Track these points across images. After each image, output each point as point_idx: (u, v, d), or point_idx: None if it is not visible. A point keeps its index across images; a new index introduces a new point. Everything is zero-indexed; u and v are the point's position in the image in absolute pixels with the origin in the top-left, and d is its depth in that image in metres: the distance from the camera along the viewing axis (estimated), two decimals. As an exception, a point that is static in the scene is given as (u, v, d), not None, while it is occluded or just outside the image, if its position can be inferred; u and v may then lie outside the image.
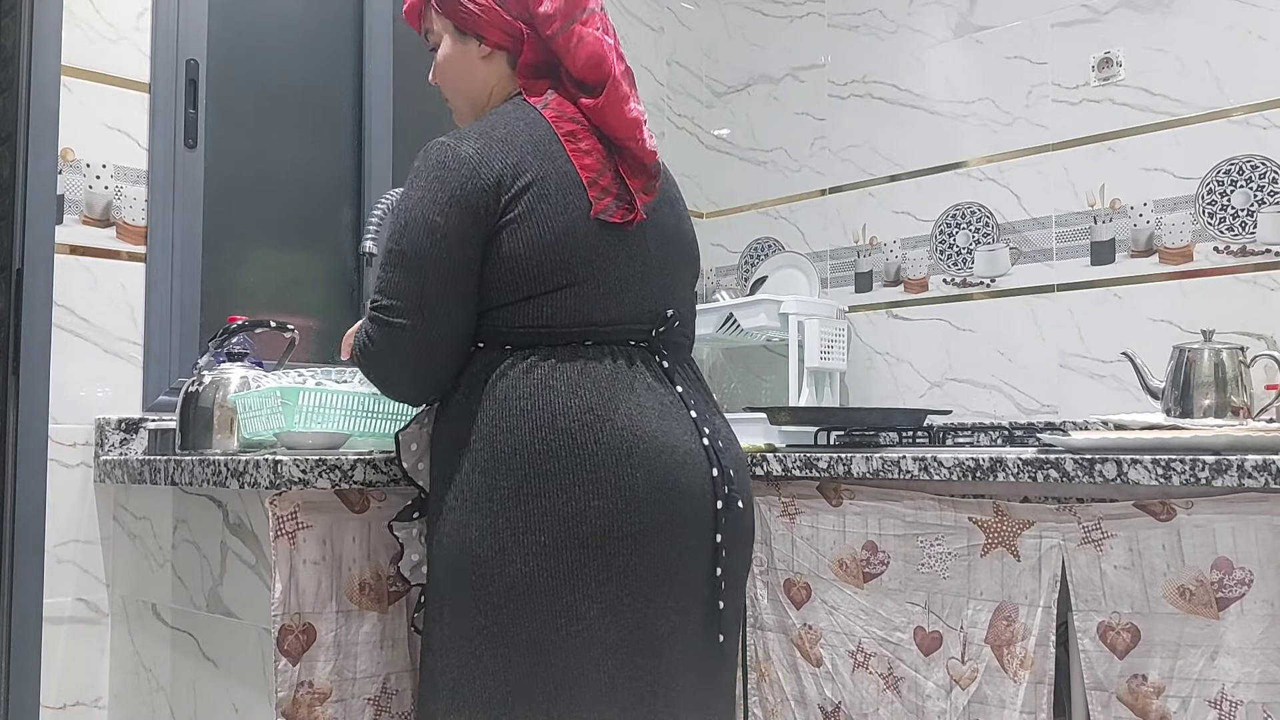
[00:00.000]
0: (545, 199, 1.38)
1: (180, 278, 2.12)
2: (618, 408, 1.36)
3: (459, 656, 1.34)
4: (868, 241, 2.71)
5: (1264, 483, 1.40)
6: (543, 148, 1.41)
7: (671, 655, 1.37)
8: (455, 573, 1.35)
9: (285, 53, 2.37)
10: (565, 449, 1.32)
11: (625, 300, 1.42)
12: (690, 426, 1.42)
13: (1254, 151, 2.14)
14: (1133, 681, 1.52)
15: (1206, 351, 1.98)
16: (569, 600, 1.31)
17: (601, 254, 1.40)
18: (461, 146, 1.40)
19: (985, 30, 2.53)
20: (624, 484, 1.33)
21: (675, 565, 1.37)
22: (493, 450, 1.35)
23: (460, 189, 1.37)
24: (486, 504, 1.33)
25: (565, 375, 1.36)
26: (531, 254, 1.37)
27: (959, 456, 1.69)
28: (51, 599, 1.93)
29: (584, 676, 1.32)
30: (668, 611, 1.36)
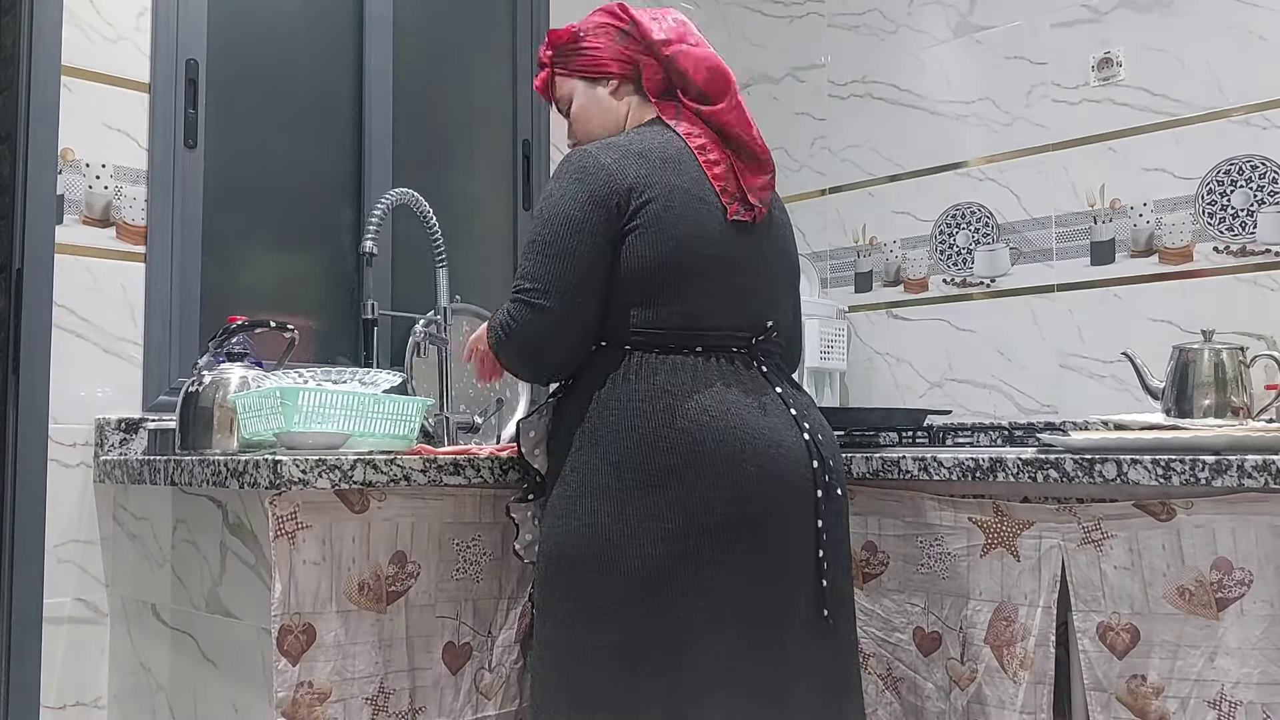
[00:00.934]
0: (671, 209, 1.53)
1: (180, 278, 2.12)
2: (729, 409, 1.50)
3: (585, 629, 1.47)
4: (868, 241, 2.71)
5: (1264, 483, 1.40)
6: (673, 162, 1.57)
7: (787, 629, 1.50)
8: (587, 556, 1.47)
9: (285, 52, 2.37)
10: (685, 446, 1.47)
11: (735, 310, 1.57)
12: (791, 423, 1.55)
13: (1254, 151, 2.14)
14: (1132, 682, 1.52)
15: (1206, 351, 1.98)
16: (694, 579, 1.45)
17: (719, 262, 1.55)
18: (601, 156, 1.55)
19: (985, 30, 2.53)
20: (739, 477, 1.47)
21: (785, 549, 1.51)
22: (619, 446, 1.48)
23: (598, 190, 1.52)
24: (616, 493, 1.47)
25: (681, 379, 1.51)
26: (654, 258, 1.52)
27: (959, 456, 1.69)
28: (51, 599, 1.93)
29: (707, 647, 1.45)
30: (781, 590, 1.50)
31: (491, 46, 2.72)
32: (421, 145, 2.55)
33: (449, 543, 1.67)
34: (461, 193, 2.62)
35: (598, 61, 1.67)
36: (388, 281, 2.44)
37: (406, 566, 1.63)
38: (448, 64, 2.63)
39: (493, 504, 1.72)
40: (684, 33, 1.67)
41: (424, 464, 1.61)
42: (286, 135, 2.36)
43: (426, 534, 1.65)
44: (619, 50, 1.66)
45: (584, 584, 1.47)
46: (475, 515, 1.70)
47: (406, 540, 1.63)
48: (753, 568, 1.47)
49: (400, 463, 1.59)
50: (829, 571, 1.54)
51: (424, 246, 2.29)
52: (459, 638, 1.67)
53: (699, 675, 1.44)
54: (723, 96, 1.62)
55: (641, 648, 1.44)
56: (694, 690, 1.44)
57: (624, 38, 1.67)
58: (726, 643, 1.46)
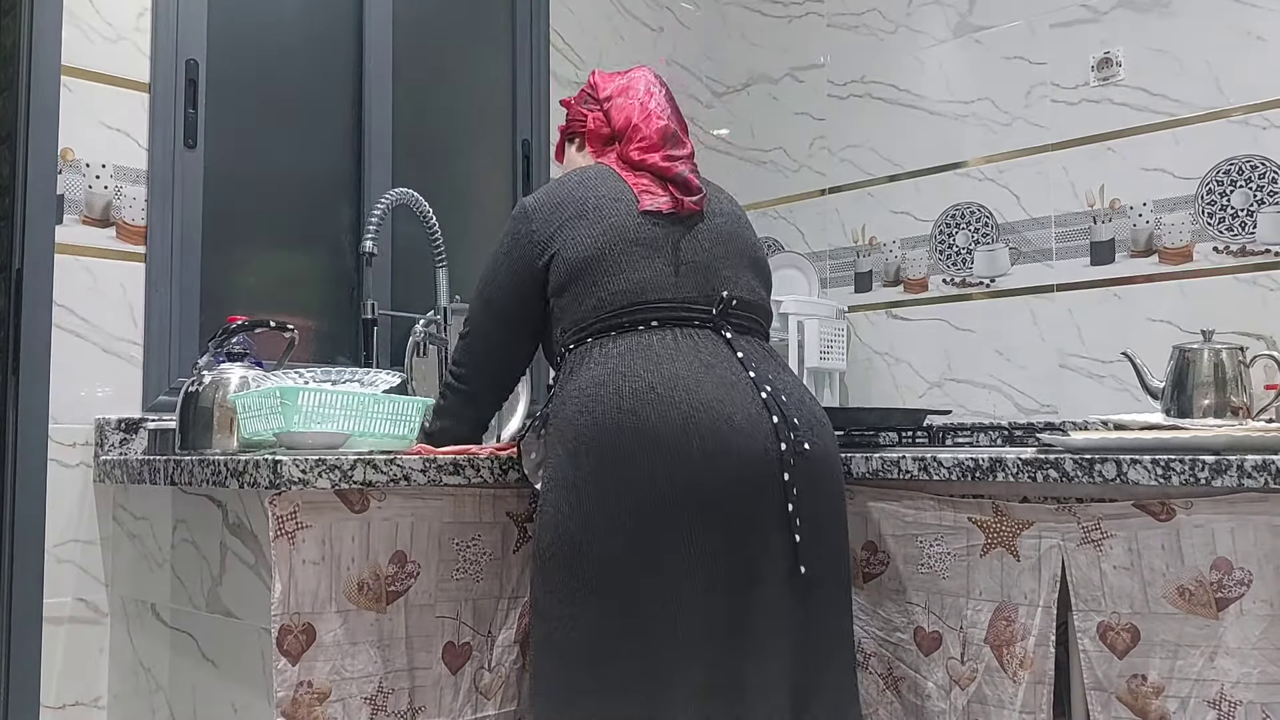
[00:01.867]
0: (585, 216, 1.65)
1: (180, 278, 2.12)
2: (676, 385, 1.52)
3: (560, 620, 1.50)
4: (867, 241, 2.71)
5: (1264, 483, 1.40)
6: (590, 182, 1.70)
7: (758, 591, 1.50)
8: (556, 549, 1.51)
9: (285, 53, 2.37)
10: (632, 428, 1.49)
11: (683, 284, 1.63)
12: (749, 388, 1.56)
13: (1254, 151, 2.14)
14: (1132, 681, 1.52)
15: (1206, 351, 1.98)
16: (651, 558, 1.47)
17: (648, 242, 1.63)
18: (528, 201, 1.73)
19: (984, 30, 2.53)
20: (683, 452, 1.48)
21: (745, 516, 1.51)
22: (576, 434, 1.53)
23: (519, 233, 1.71)
24: (574, 484, 1.51)
25: (632, 358, 1.55)
26: (582, 254, 1.62)
27: (958, 456, 1.69)
28: (51, 599, 1.93)
29: (671, 628, 1.46)
30: (744, 554, 1.50)
31: (491, 46, 2.72)
32: (421, 145, 2.56)
33: (449, 543, 1.67)
34: (461, 193, 2.63)
35: (570, 124, 1.89)
36: (388, 281, 2.44)
37: (406, 566, 1.63)
38: (448, 64, 2.64)
39: (492, 504, 1.72)
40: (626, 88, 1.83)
41: (424, 464, 1.61)
42: (286, 135, 2.36)
43: (426, 534, 1.65)
44: (580, 112, 1.87)
45: (555, 579, 1.51)
46: (475, 515, 1.70)
47: (406, 540, 1.63)
48: (708, 541, 1.48)
49: (400, 463, 1.59)
50: (801, 527, 1.53)
51: (424, 246, 2.30)
52: (459, 638, 1.68)
53: (669, 655, 1.46)
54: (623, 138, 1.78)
55: (611, 637, 1.47)
56: (667, 671, 1.46)
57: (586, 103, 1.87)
58: (690, 620, 1.47)
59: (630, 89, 1.83)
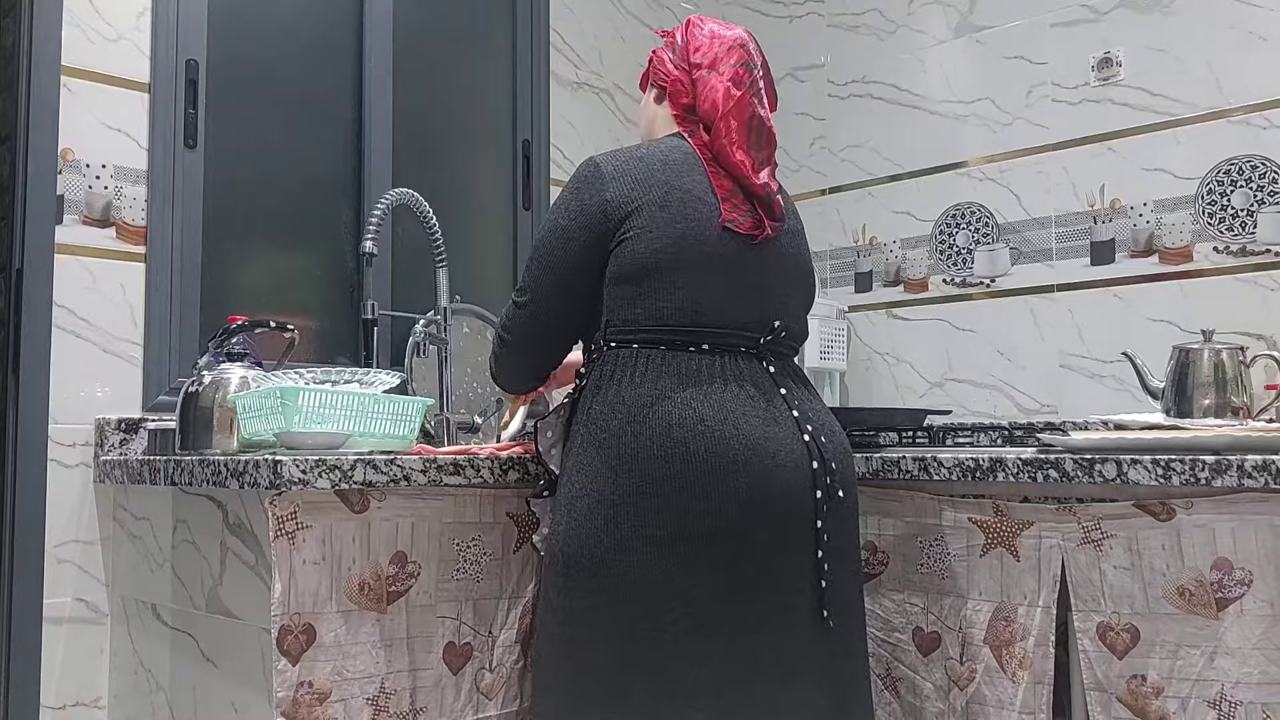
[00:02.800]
0: (667, 208, 1.57)
1: (180, 278, 2.12)
2: (726, 418, 1.51)
3: (581, 627, 1.50)
4: (868, 241, 2.71)
5: (1264, 483, 1.40)
6: (676, 167, 1.61)
7: (779, 634, 1.51)
8: (580, 556, 1.51)
9: (285, 53, 2.37)
10: (680, 457, 1.48)
11: (739, 307, 1.59)
12: (793, 426, 1.55)
13: (1254, 152, 2.14)
14: (1132, 682, 1.52)
15: (1206, 351, 1.98)
16: (681, 586, 1.47)
17: (719, 260, 1.57)
18: (604, 163, 1.62)
19: (985, 30, 2.53)
20: (728, 489, 1.48)
21: (779, 554, 1.51)
22: (618, 450, 1.51)
23: (587, 200, 1.59)
24: (611, 498, 1.50)
25: (682, 384, 1.53)
26: (651, 254, 1.55)
27: (959, 456, 1.69)
28: (51, 599, 1.93)
29: (695, 651, 1.46)
30: (776, 593, 1.51)
31: (491, 46, 2.72)
32: (421, 145, 2.55)
33: (449, 543, 1.67)
34: (461, 193, 2.62)
35: (654, 69, 1.77)
36: (388, 281, 2.44)
37: (407, 566, 1.63)
38: (448, 64, 2.63)
39: (493, 504, 1.72)
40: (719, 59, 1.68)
41: (424, 464, 1.61)
42: (286, 135, 2.35)
43: (426, 534, 1.65)
44: (666, 63, 1.74)
45: (579, 583, 1.50)
46: (475, 515, 1.70)
47: (407, 540, 1.63)
48: (741, 575, 1.48)
49: (400, 463, 1.59)
50: (829, 573, 1.54)
51: (424, 246, 2.29)
52: (459, 638, 1.68)
53: (688, 678, 1.46)
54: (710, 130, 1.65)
55: (632, 648, 1.47)
56: (685, 693, 1.46)
57: (675, 52, 1.74)
58: (716, 648, 1.47)
59: (720, 62, 1.67)
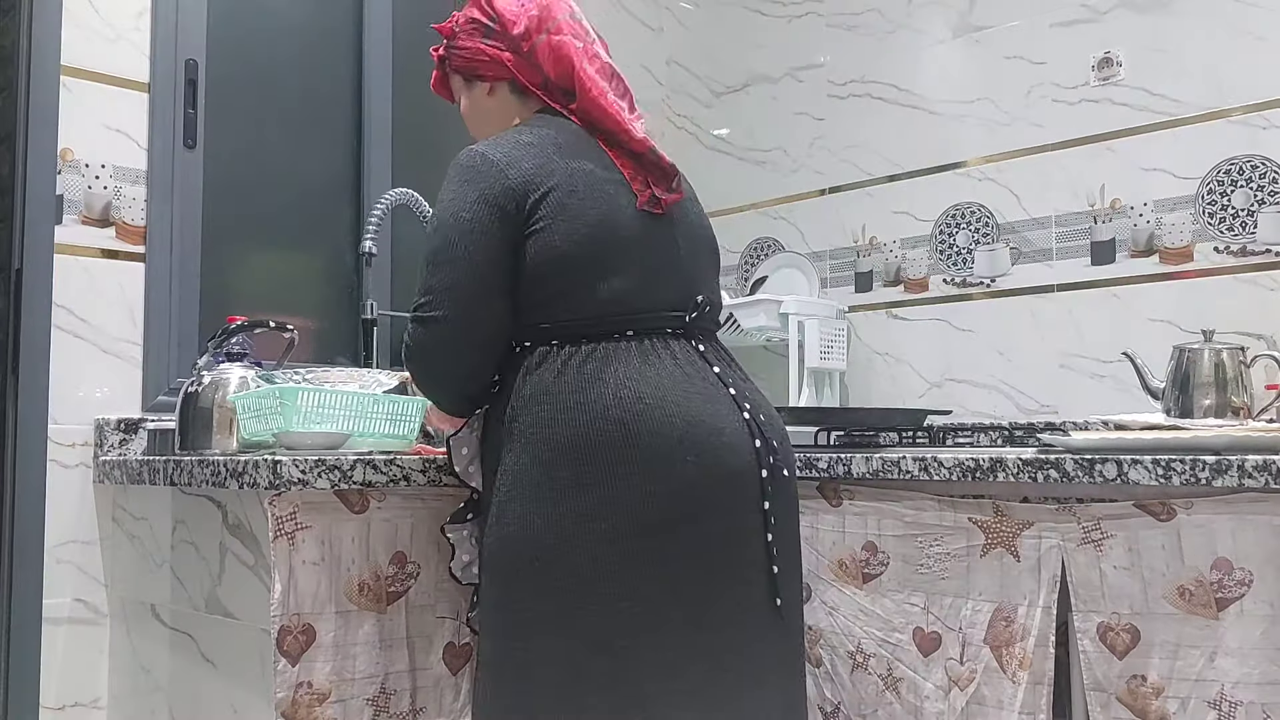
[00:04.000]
0: (575, 194, 1.46)
1: (179, 278, 2.12)
2: (665, 396, 1.42)
3: (525, 643, 1.39)
4: (867, 241, 2.71)
5: (1264, 483, 1.40)
6: (570, 148, 1.50)
7: (737, 629, 1.43)
8: (519, 563, 1.40)
9: (285, 53, 2.37)
10: (620, 439, 1.38)
11: (661, 288, 1.50)
12: (731, 405, 1.47)
13: (1254, 151, 2.14)
14: (1132, 682, 1.52)
15: (1206, 351, 1.98)
16: (632, 584, 1.37)
17: (639, 243, 1.49)
18: (489, 152, 1.48)
19: (984, 30, 2.53)
20: (677, 470, 1.39)
21: (732, 541, 1.43)
22: (550, 443, 1.40)
23: (488, 188, 1.45)
24: (547, 494, 1.39)
25: (613, 367, 1.43)
26: (568, 246, 1.44)
27: (959, 457, 1.69)
28: (50, 600, 1.93)
29: (651, 653, 1.37)
30: (730, 584, 1.42)
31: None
32: (421, 145, 2.55)
33: (448, 543, 1.67)
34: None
35: (469, 62, 1.61)
36: (387, 281, 2.44)
37: (406, 567, 1.62)
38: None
39: (492, 504, 1.72)
40: (544, 19, 1.56)
41: (424, 464, 1.61)
42: (286, 135, 2.35)
43: (426, 534, 1.65)
44: (485, 49, 1.59)
45: (521, 594, 1.40)
46: (475, 515, 1.70)
47: (406, 540, 1.63)
48: (697, 565, 1.40)
49: (400, 463, 1.59)
50: (778, 557, 1.47)
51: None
52: (459, 638, 1.67)
53: (647, 684, 1.37)
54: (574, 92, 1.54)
55: (586, 657, 1.36)
56: (642, 699, 1.37)
57: (489, 35, 1.59)
58: (671, 647, 1.38)
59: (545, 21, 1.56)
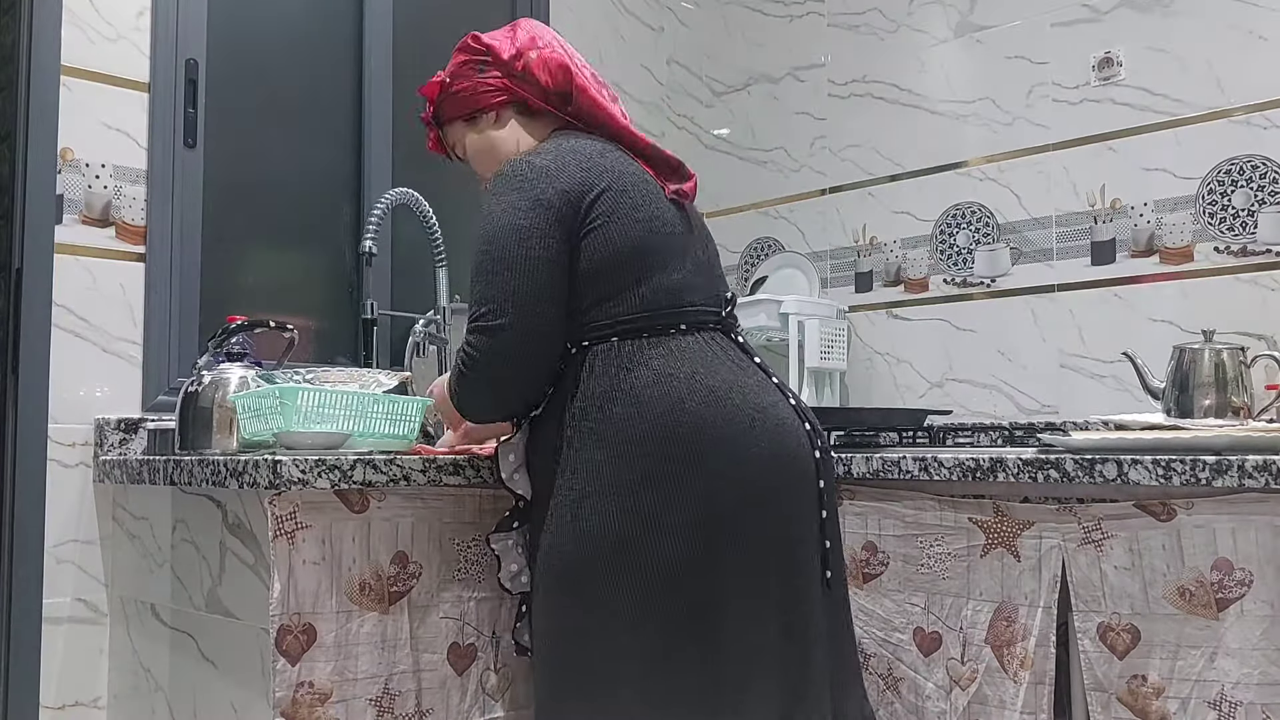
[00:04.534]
0: (626, 194, 1.50)
1: (179, 278, 2.12)
2: (731, 387, 1.47)
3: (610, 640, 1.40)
4: (868, 241, 2.71)
5: (1264, 483, 1.40)
6: (607, 154, 1.55)
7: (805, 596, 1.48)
8: (598, 556, 1.41)
9: (285, 53, 2.37)
10: (694, 430, 1.42)
11: (700, 284, 1.55)
12: (778, 393, 1.53)
13: (1254, 151, 2.13)
14: (1132, 682, 1.52)
15: (1207, 352, 1.98)
16: (717, 569, 1.41)
17: (683, 237, 1.56)
18: (536, 160, 1.50)
19: (985, 30, 2.53)
20: (749, 455, 1.44)
21: (796, 519, 1.49)
22: (626, 438, 1.42)
23: (542, 193, 1.47)
24: (626, 488, 1.41)
25: (678, 362, 1.46)
26: (626, 242, 1.48)
27: (959, 457, 1.69)
28: (50, 599, 1.93)
29: (737, 636, 1.41)
30: (796, 560, 1.48)
31: (491, 46, 2.72)
32: (421, 145, 2.55)
33: (449, 543, 1.67)
34: (461, 193, 2.62)
35: (471, 100, 1.65)
36: (387, 281, 2.44)
37: (408, 567, 1.62)
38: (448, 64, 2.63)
39: (493, 504, 1.71)
40: (533, 37, 1.64)
41: (424, 464, 1.61)
42: (286, 135, 2.35)
43: (427, 534, 1.65)
44: (483, 81, 1.64)
45: (603, 590, 1.40)
46: (475, 515, 1.70)
47: (407, 540, 1.63)
48: (769, 545, 1.45)
49: (400, 463, 1.59)
50: (829, 530, 1.53)
51: (424, 246, 2.29)
52: (463, 638, 1.67)
53: (735, 666, 1.41)
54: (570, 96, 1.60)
55: (676, 649, 1.39)
56: (734, 682, 1.41)
57: (485, 68, 1.65)
58: (755, 627, 1.43)
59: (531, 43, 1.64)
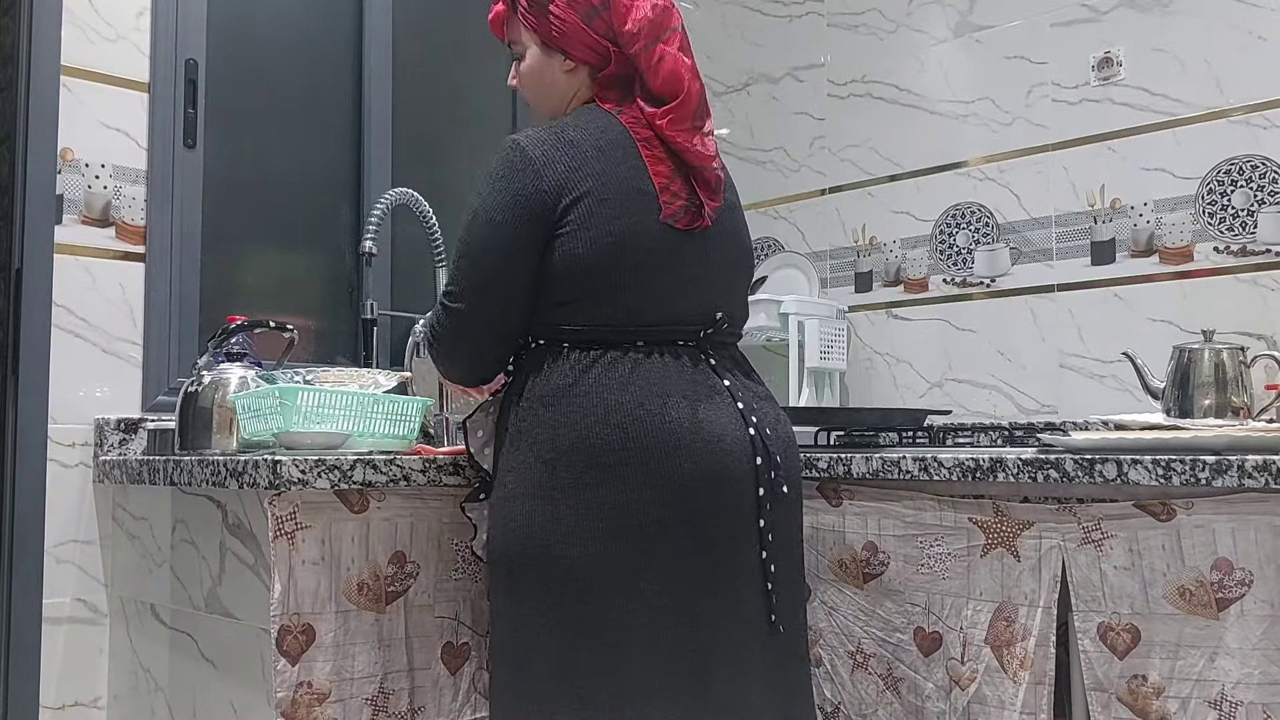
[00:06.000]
0: (606, 203, 1.47)
1: (179, 278, 2.12)
2: (666, 403, 1.45)
3: (531, 632, 1.44)
4: (868, 241, 2.71)
5: (1264, 483, 1.40)
6: (610, 152, 1.49)
7: (728, 632, 1.45)
8: (523, 557, 1.44)
9: (285, 53, 2.37)
10: (620, 443, 1.42)
11: (679, 303, 1.51)
12: (736, 416, 1.50)
13: (1254, 151, 2.13)
14: (1133, 682, 1.52)
15: (1207, 351, 1.98)
16: (628, 580, 1.41)
17: (661, 257, 1.49)
18: (530, 149, 1.48)
19: (985, 30, 2.53)
20: (674, 474, 1.42)
21: (726, 549, 1.46)
22: (554, 443, 1.44)
23: (522, 189, 1.47)
24: (550, 492, 1.43)
25: (618, 374, 1.46)
26: (590, 255, 1.46)
27: (959, 457, 1.69)
28: (50, 599, 1.93)
29: (646, 651, 1.41)
30: (724, 591, 1.45)
31: (491, 46, 2.71)
32: (421, 145, 2.55)
33: (448, 543, 1.67)
34: (461, 193, 2.62)
35: (562, 34, 1.56)
36: (387, 281, 2.44)
37: (406, 567, 1.62)
38: (447, 64, 2.63)
39: (492, 504, 1.72)
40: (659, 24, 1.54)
41: (423, 464, 1.61)
42: (286, 135, 2.35)
43: (425, 534, 1.65)
44: (584, 31, 1.55)
45: (524, 586, 1.45)
46: (475, 515, 1.70)
47: (406, 540, 1.63)
48: (690, 568, 1.43)
49: (400, 463, 1.59)
50: (775, 574, 1.49)
51: (424, 246, 2.29)
52: (458, 638, 1.67)
53: (642, 679, 1.40)
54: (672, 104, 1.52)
55: (585, 652, 1.41)
56: (640, 694, 1.40)
57: (594, 17, 1.55)
58: (665, 646, 1.41)
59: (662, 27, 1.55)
